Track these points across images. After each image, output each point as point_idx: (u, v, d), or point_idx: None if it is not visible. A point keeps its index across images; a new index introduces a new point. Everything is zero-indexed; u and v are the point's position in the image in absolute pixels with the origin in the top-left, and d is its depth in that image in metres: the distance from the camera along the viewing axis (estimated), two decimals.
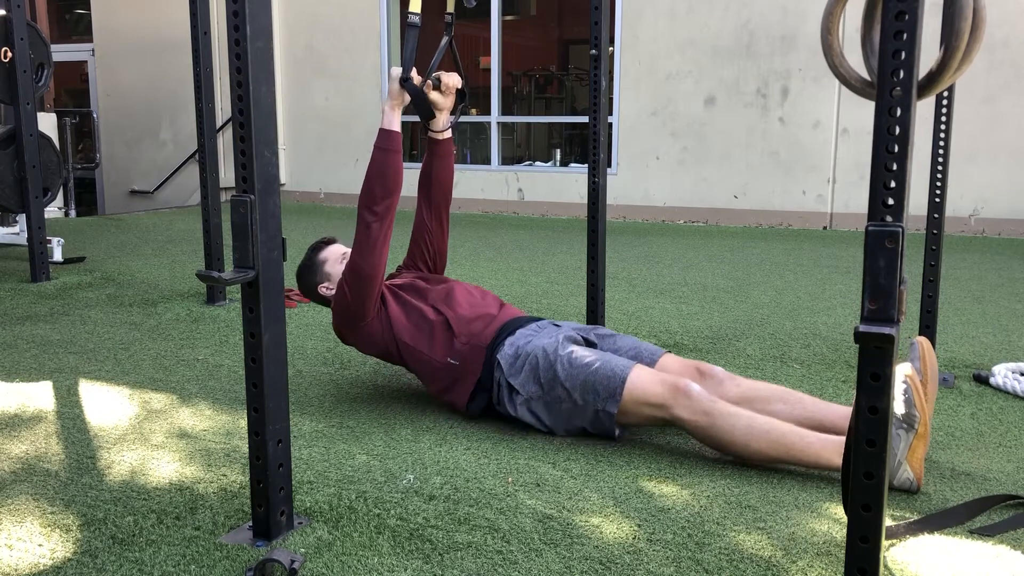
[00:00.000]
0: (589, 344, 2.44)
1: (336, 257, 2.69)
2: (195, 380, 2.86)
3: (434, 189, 2.68)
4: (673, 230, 7.04)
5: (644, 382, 2.17)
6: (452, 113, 2.60)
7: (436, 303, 2.51)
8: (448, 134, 2.63)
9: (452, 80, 2.52)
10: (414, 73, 2.38)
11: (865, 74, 1.80)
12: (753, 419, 2.07)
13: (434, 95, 2.52)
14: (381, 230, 2.38)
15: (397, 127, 2.39)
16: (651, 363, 2.36)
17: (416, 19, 2.39)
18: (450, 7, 2.55)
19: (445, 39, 2.53)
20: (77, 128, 9.97)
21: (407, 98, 2.39)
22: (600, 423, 2.24)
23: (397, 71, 2.37)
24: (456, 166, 3.00)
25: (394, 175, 2.37)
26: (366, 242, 2.38)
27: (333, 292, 2.61)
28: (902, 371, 1.97)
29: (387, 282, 2.60)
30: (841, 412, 2.16)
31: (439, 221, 2.71)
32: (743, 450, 2.07)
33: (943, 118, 2.73)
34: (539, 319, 2.53)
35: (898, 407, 1.94)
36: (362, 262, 2.38)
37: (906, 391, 1.94)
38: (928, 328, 2.82)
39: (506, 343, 2.38)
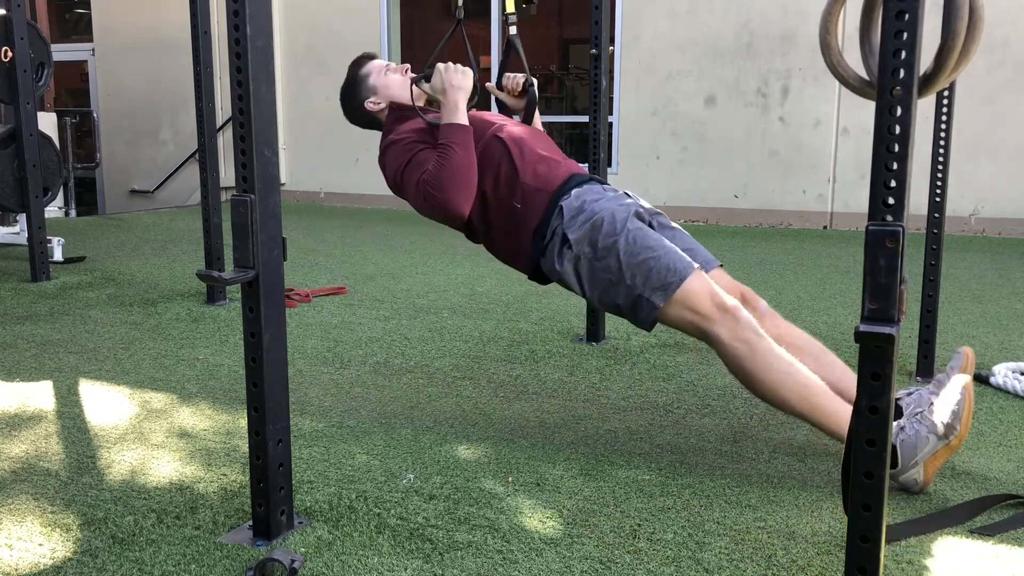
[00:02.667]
0: (651, 228, 2.30)
1: (379, 68, 2.51)
2: (195, 380, 2.86)
3: None
4: None
5: (699, 289, 2.07)
6: (526, 109, 2.55)
7: (500, 133, 2.33)
8: (538, 125, 2.58)
9: (512, 83, 2.50)
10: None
11: (864, 74, 1.80)
12: (792, 367, 1.98)
13: (502, 96, 2.52)
14: (466, 156, 2.22)
15: (467, 120, 2.30)
16: (705, 270, 2.22)
17: (462, 14, 2.41)
18: (510, 7, 2.54)
19: (508, 38, 2.55)
20: (77, 128, 9.97)
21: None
22: (639, 309, 2.12)
23: (468, 69, 2.32)
24: None
25: (474, 173, 2.25)
26: (447, 172, 2.20)
27: (381, 107, 2.48)
28: (961, 381, 1.92)
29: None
30: None
31: None
32: (768, 392, 1.99)
33: (943, 117, 2.72)
34: (606, 182, 2.40)
35: (944, 415, 1.89)
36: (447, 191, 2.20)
37: (959, 403, 1.89)
38: (928, 328, 2.82)
39: (573, 192, 2.24)
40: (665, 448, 2.26)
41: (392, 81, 2.49)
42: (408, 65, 2.55)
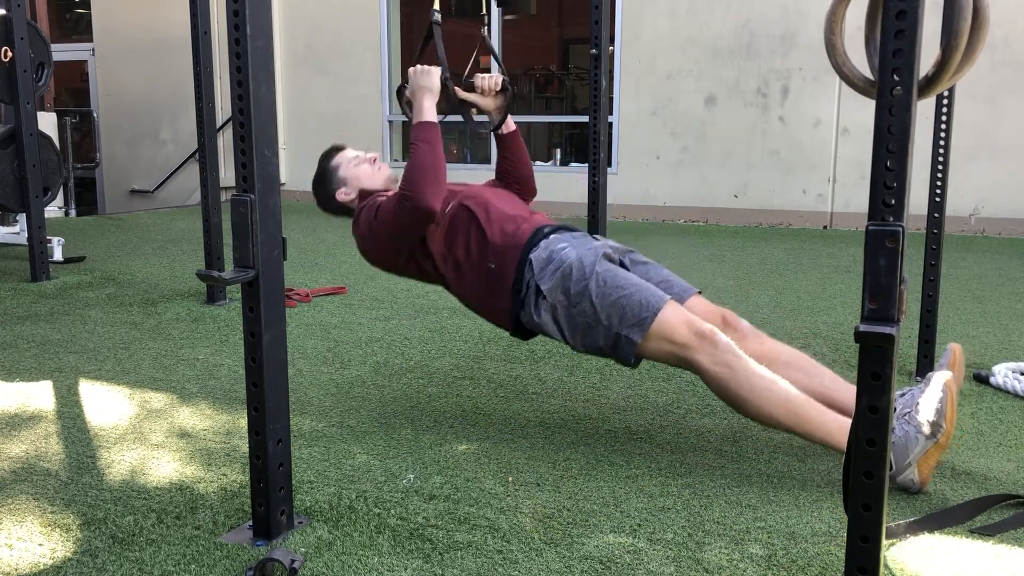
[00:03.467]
0: (622, 267, 2.34)
1: (348, 161, 2.56)
2: (195, 380, 2.86)
3: (514, 184, 2.63)
4: (673, 230, 7.04)
5: (674, 319, 2.10)
6: (500, 109, 2.55)
7: (465, 200, 2.38)
8: (510, 127, 2.59)
9: (488, 84, 2.50)
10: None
11: (869, 74, 1.80)
12: (774, 384, 2.01)
13: (473, 97, 2.51)
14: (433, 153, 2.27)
15: (435, 118, 2.33)
16: (681, 300, 2.27)
17: (438, 16, 2.39)
18: (484, 7, 2.55)
19: (481, 38, 2.54)
20: (77, 128, 9.97)
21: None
22: (620, 348, 2.15)
23: (434, 69, 2.35)
24: (456, 166, 2.99)
25: (442, 169, 2.28)
26: (415, 168, 2.24)
27: (352, 197, 2.52)
28: (942, 378, 1.94)
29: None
30: None
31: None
32: (755, 411, 2.02)
33: (943, 117, 2.72)
34: (574, 228, 2.43)
35: (928, 414, 1.90)
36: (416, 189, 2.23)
37: (941, 400, 1.91)
38: (928, 328, 2.82)
39: (540, 244, 2.28)
40: (665, 448, 2.26)
41: (362, 172, 2.55)
42: (376, 155, 2.61)
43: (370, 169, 2.55)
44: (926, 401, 1.92)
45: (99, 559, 1.65)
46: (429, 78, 2.36)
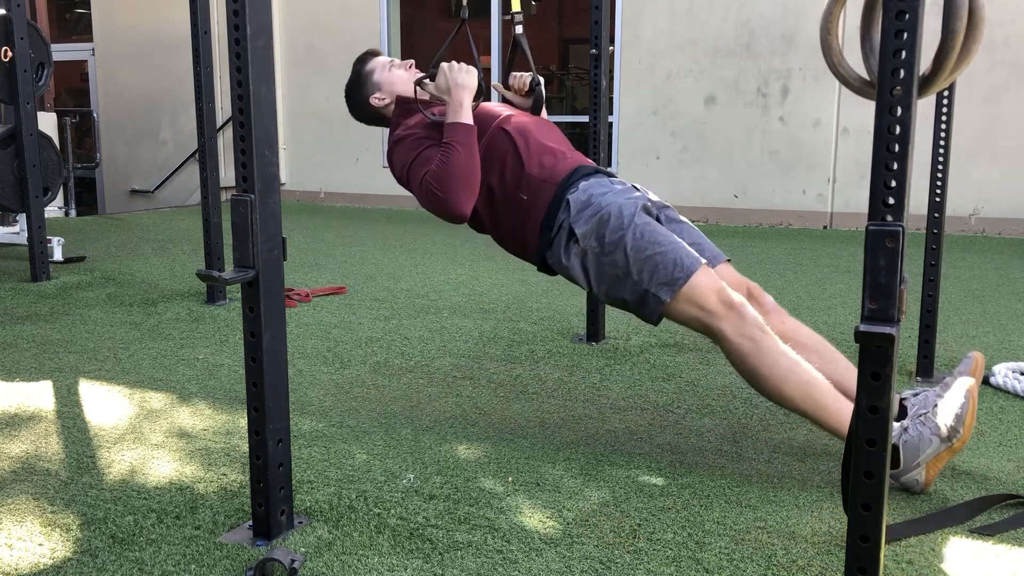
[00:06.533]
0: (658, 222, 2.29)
1: (383, 65, 2.52)
2: (195, 380, 2.86)
3: None
4: None
5: (705, 285, 2.06)
6: (533, 108, 2.54)
7: (505, 125, 2.32)
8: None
9: (519, 83, 2.50)
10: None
11: (865, 73, 1.80)
12: (797, 365, 1.98)
13: (509, 95, 2.51)
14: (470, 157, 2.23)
15: (471, 120, 2.29)
16: (711, 265, 2.22)
17: (467, 14, 2.41)
18: (516, 5, 2.54)
19: (514, 37, 2.54)
20: (77, 128, 9.96)
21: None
22: (646, 304, 2.11)
23: (473, 68, 2.32)
24: None
25: (477, 174, 2.25)
26: (450, 172, 2.20)
27: (387, 102, 2.49)
28: (965, 384, 1.93)
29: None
30: None
31: None
32: (772, 389, 1.99)
33: (943, 117, 2.72)
34: (613, 174, 2.39)
35: (948, 418, 1.89)
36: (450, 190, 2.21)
37: (963, 406, 1.89)
38: (928, 328, 2.82)
39: (580, 186, 2.23)
40: (665, 448, 2.26)
41: (397, 77, 2.49)
42: (412, 61, 2.55)
43: (406, 75, 2.49)
44: (946, 405, 1.91)
45: (99, 559, 1.65)
46: (470, 77, 2.30)
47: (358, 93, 2.54)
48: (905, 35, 1.19)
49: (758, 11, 7.04)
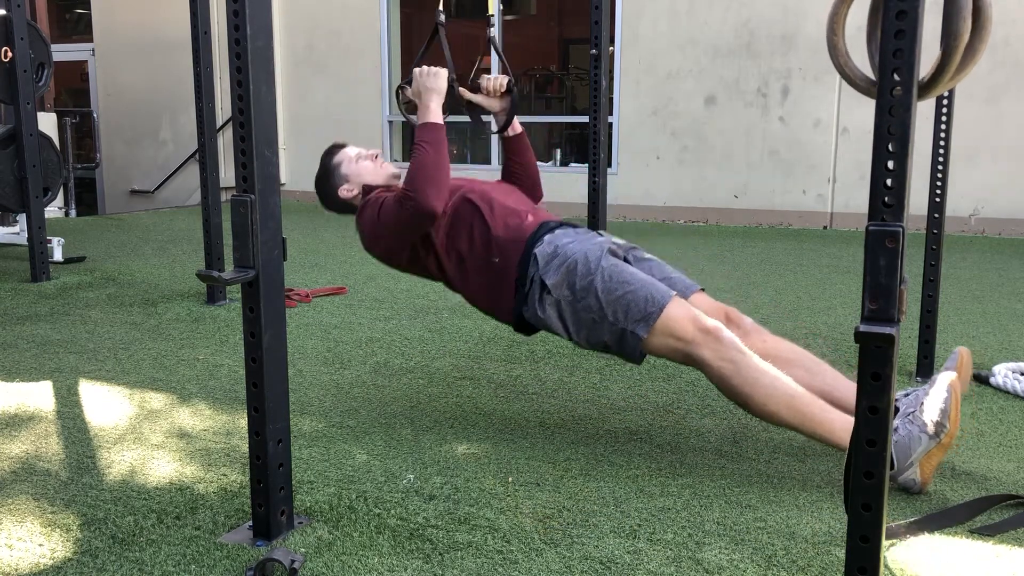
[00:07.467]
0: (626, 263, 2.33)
1: (351, 158, 2.56)
2: (195, 380, 2.86)
3: (522, 185, 2.63)
4: (673, 230, 7.04)
5: (679, 315, 2.10)
6: (505, 110, 2.55)
7: (468, 194, 2.37)
8: (516, 129, 2.59)
9: (493, 85, 2.51)
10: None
11: (871, 74, 1.80)
12: (778, 380, 2.01)
13: (479, 98, 2.51)
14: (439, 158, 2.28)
15: (441, 120, 2.33)
16: (684, 296, 2.26)
17: (443, 17, 2.40)
18: (491, 8, 2.56)
19: (489, 38, 2.55)
20: (77, 128, 9.96)
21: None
22: (625, 343, 2.15)
23: (441, 70, 2.35)
24: (456, 166, 2.98)
25: (446, 171, 2.29)
26: (418, 168, 2.24)
27: (354, 193, 2.52)
28: (947, 379, 1.94)
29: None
30: None
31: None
32: (758, 407, 2.02)
33: (943, 118, 2.72)
34: (577, 225, 2.43)
35: (933, 414, 1.90)
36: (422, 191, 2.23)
37: (946, 400, 1.91)
38: (928, 328, 2.82)
39: (545, 239, 2.28)
40: (665, 448, 2.26)
41: (363, 168, 2.55)
42: (379, 151, 2.62)
43: (372, 165, 2.55)
44: (931, 401, 1.92)
45: (99, 559, 1.65)
46: (436, 79, 2.35)
47: (327, 184, 2.61)
48: (905, 35, 1.19)
49: (758, 11, 7.04)
